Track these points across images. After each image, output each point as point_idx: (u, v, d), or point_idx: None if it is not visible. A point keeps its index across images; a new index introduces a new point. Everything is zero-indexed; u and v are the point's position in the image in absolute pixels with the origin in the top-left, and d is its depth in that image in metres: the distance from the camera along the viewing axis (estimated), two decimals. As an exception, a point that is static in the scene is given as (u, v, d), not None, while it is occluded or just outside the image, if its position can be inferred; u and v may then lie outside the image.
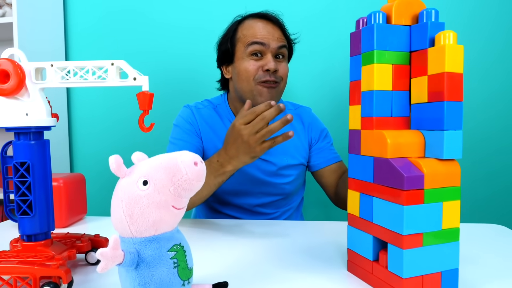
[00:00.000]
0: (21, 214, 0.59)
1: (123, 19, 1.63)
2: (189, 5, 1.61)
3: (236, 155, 0.80)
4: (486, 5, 1.50)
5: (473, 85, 1.53)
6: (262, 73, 0.99)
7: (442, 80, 0.51)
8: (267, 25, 1.02)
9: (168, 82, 1.61)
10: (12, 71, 0.56)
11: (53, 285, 0.52)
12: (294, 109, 1.17)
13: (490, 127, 1.54)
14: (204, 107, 1.12)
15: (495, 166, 1.55)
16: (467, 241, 0.78)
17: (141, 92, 0.58)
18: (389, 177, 0.52)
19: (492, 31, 1.50)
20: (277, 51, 1.01)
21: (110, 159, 0.47)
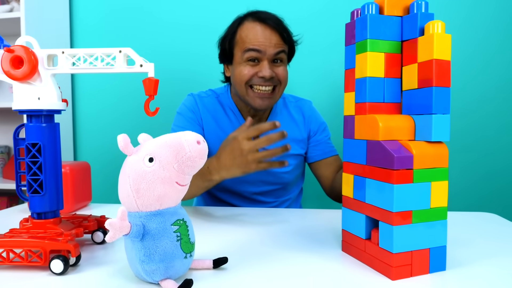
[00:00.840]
0: (32, 192, 0.62)
1: (129, 11, 1.67)
2: None
3: (229, 166, 0.82)
4: (482, 2, 1.53)
5: (470, 82, 1.56)
6: (257, 79, 1.01)
7: (431, 67, 0.54)
8: (266, 30, 1.01)
9: (173, 71, 1.64)
10: (25, 57, 0.59)
11: (62, 258, 0.56)
12: (295, 101, 1.21)
13: (489, 125, 1.57)
14: (208, 96, 1.15)
15: (493, 165, 1.57)
16: (459, 226, 0.81)
17: (147, 78, 0.61)
18: (380, 158, 0.55)
19: (488, 28, 1.53)
20: (274, 57, 1.01)
21: (118, 137, 0.51)
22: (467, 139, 1.57)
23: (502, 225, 0.83)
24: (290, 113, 1.17)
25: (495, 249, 0.67)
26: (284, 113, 1.17)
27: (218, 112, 1.13)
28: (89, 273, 0.57)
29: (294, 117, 1.17)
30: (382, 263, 0.55)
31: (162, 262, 0.50)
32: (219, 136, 1.10)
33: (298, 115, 1.17)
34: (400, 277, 0.54)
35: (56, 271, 0.55)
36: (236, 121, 1.13)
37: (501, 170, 1.57)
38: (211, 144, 1.10)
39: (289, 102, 1.19)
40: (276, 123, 0.79)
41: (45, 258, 0.56)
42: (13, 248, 0.57)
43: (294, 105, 1.19)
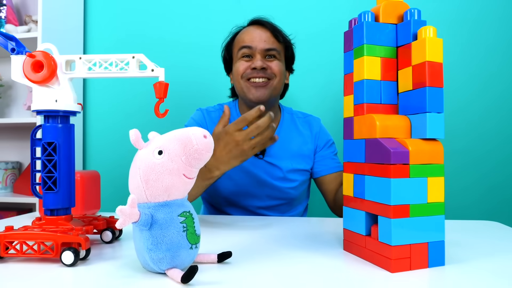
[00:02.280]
0: (46, 189, 0.65)
1: (142, 34, 1.74)
2: (209, 3, 1.71)
3: (227, 159, 0.86)
4: (471, 7, 1.58)
5: (460, 84, 1.59)
6: (250, 71, 1.08)
7: (424, 69, 0.57)
8: (257, 29, 1.11)
9: (183, 81, 1.70)
10: (45, 62, 0.64)
11: (73, 250, 0.58)
12: (303, 117, 1.24)
13: (485, 126, 1.58)
14: (215, 111, 1.20)
15: (488, 166, 1.58)
16: (460, 232, 0.82)
17: (157, 82, 0.65)
18: (378, 155, 0.58)
19: (476, 29, 1.58)
20: (265, 52, 1.09)
21: (130, 132, 0.54)
22: (464, 139, 1.58)
23: (504, 231, 0.84)
24: (298, 128, 1.20)
25: (496, 249, 0.68)
26: (292, 128, 1.20)
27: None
28: (98, 266, 0.59)
29: (301, 132, 1.20)
30: (382, 257, 0.57)
31: (169, 251, 0.52)
32: None
33: (306, 130, 1.20)
34: (399, 270, 0.55)
35: (66, 263, 0.58)
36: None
37: (495, 170, 1.58)
38: None
39: (297, 118, 1.22)
40: (261, 107, 0.83)
41: (56, 250, 0.59)
42: (26, 240, 0.60)
43: (303, 120, 1.22)
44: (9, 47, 0.64)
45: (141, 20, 1.75)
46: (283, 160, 1.15)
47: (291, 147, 1.16)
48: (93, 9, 1.79)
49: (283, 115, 1.21)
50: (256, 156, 1.13)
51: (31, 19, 1.64)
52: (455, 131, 1.58)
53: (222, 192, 1.14)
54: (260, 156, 1.13)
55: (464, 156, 1.59)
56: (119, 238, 0.77)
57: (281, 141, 1.15)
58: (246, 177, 1.12)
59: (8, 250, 0.60)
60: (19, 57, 0.65)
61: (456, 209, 1.57)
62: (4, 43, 0.65)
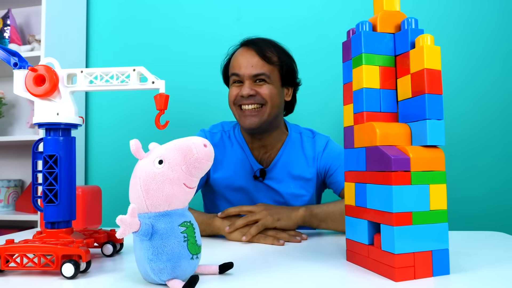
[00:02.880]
0: (47, 202, 0.65)
1: (144, 54, 1.77)
2: (212, 15, 1.74)
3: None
4: (468, 15, 1.60)
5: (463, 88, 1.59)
6: (240, 98, 1.06)
7: (423, 76, 0.58)
8: (246, 54, 1.07)
9: (184, 93, 1.71)
10: (47, 76, 0.64)
11: (73, 262, 0.57)
12: (312, 136, 1.17)
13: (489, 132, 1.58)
14: (218, 132, 1.17)
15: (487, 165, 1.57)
16: (465, 242, 0.81)
17: (158, 94, 0.66)
18: (379, 162, 0.57)
19: (475, 36, 1.59)
20: (253, 77, 1.05)
21: (130, 142, 0.54)
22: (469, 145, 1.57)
23: (509, 240, 0.83)
24: (303, 149, 1.15)
25: (502, 259, 0.67)
26: (297, 149, 1.14)
27: (226, 148, 1.14)
28: (98, 278, 0.58)
29: (306, 153, 1.14)
30: (385, 266, 0.56)
31: (170, 261, 0.52)
32: (223, 173, 1.11)
33: (310, 151, 1.14)
34: (404, 279, 0.54)
35: (67, 275, 0.57)
36: (245, 157, 1.13)
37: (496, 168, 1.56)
38: (215, 180, 1.12)
39: (305, 137, 1.16)
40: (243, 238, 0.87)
41: (57, 263, 0.58)
42: (26, 253, 0.59)
43: (311, 140, 1.16)
44: (11, 61, 0.65)
45: (143, 40, 1.78)
46: (283, 184, 1.11)
47: (293, 170, 1.11)
48: (95, 29, 1.82)
49: (290, 135, 1.15)
50: (257, 179, 1.11)
51: (34, 38, 1.67)
52: (457, 138, 1.57)
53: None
54: (260, 179, 1.11)
55: (467, 163, 1.58)
56: (120, 252, 0.76)
57: (283, 163, 1.11)
58: (246, 200, 1.11)
59: (8, 263, 0.59)
60: (21, 71, 0.66)
61: (460, 219, 1.55)
62: (7, 58, 0.66)
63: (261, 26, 1.70)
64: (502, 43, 1.60)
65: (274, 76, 1.07)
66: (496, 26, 1.60)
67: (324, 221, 0.94)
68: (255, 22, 1.73)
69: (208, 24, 1.75)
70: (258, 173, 1.10)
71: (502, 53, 1.59)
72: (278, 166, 1.11)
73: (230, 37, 1.70)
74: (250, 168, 1.11)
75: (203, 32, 1.75)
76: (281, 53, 1.10)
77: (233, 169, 1.11)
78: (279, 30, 1.68)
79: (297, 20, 1.70)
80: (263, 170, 1.10)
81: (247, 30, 1.70)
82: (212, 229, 0.92)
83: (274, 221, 0.91)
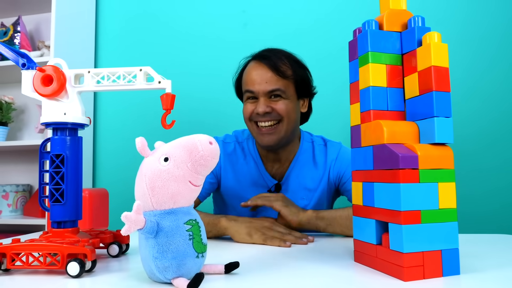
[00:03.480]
0: (53, 201, 0.65)
1: (152, 58, 1.78)
2: (219, 20, 1.74)
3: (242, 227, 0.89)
4: (475, 13, 1.59)
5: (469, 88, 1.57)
6: (255, 115, 1.04)
7: (430, 73, 0.57)
8: (259, 69, 1.04)
9: (191, 97, 1.72)
10: (55, 76, 0.65)
11: (79, 261, 0.57)
12: (323, 144, 1.15)
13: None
14: (231, 142, 1.16)
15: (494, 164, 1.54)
16: (475, 244, 0.79)
17: (164, 93, 0.66)
18: (386, 160, 0.57)
19: (482, 34, 1.58)
20: (268, 93, 1.03)
21: (136, 140, 0.54)
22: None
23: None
24: (315, 158, 1.12)
25: (510, 260, 0.66)
26: (309, 159, 1.12)
27: (238, 160, 1.13)
28: (103, 277, 0.58)
29: (317, 163, 1.12)
30: (394, 266, 0.55)
31: (175, 259, 0.51)
32: (234, 185, 1.10)
33: (321, 160, 1.12)
34: (413, 279, 0.53)
35: (72, 274, 0.57)
36: (258, 171, 1.11)
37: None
38: (226, 189, 1.11)
39: (317, 146, 1.14)
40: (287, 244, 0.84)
41: (62, 262, 0.58)
42: (32, 252, 0.59)
43: (323, 149, 1.14)
44: (20, 62, 0.66)
45: (151, 46, 1.79)
46: (297, 195, 1.09)
47: (306, 182, 1.10)
48: (104, 35, 1.85)
49: (301, 145, 1.13)
50: (270, 192, 1.10)
51: (44, 44, 1.69)
52: (465, 137, 1.56)
53: None
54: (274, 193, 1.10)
55: (474, 163, 1.56)
56: (126, 253, 0.76)
57: (296, 175, 1.10)
58: (256, 213, 1.09)
59: (14, 262, 0.60)
60: (29, 72, 0.66)
61: (467, 218, 1.52)
62: (16, 59, 0.67)
63: (267, 31, 1.71)
64: (510, 43, 1.58)
65: (289, 91, 1.05)
66: (504, 26, 1.59)
67: (331, 225, 0.93)
68: (261, 27, 1.74)
69: (215, 29, 1.76)
70: (274, 189, 1.09)
71: (510, 53, 1.58)
72: (291, 178, 1.10)
73: (237, 42, 1.72)
74: (263, 182, 1.10)
75: (210, 37, 1.76)
76: (294, 65, 1.07)
77: (245, 181, 1.11)
78: (285, 35, 1.68)
79: (303, 24, 1.70)
80: (278, 185, 1.10)
81: (253, 35, 1.71)
82: (218, 230, 0.91)
83: (282, 205, 0.94)
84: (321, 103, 1.65)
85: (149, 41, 1.80)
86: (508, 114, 1.57)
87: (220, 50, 1.74)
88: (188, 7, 1.79)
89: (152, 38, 1.80)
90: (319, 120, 1.65)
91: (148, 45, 1.80)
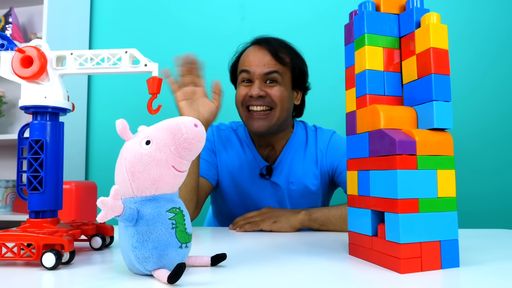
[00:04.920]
0: (31, 190, 0.61)
1: (149, 53, 1.75)
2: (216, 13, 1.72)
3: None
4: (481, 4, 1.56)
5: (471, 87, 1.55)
6: (248, 98, 1.01)
7: (429, 55, 0.54)
8: (258, 51, 1.02)
9: None
10: (35, 57, 0.62)
11: (55, 252, 0.54)
12: (314, 131, 1.12)
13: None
14: (226, 129, 1.14)
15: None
16: (475, 238, 0.76)
17: (151, 77, 0.63)
18: (382, 146, 0.53)
19: (488, 31, 1.55)
20: (264, 77, 1.00)
21: (116, 122, 0.51)
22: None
23: (522, 239, 0.78)
24: (308, 144, 1.09)
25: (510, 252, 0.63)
26: (301, 145, 1.09)
27: (233, 146, 1.11)
28: (82, 269, 0.54)
29: (309, 148, 1.09)
30: (390, 257, 0.52)
31: (155, 249, 0.48)
32: (228, 170, 1.09)
33: (312, 145, 1.09)
34: (410, 271, 0.50)
35: (47, 265, 0.53)
36: (251, 155, 1.10)
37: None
38: (222, 175, 1.10)
39: (310, 132, 1.12)
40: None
41: (37, 253, 0.55)
42: (6, 242, 0.56)
43: (313, 134, 1.11)
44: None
45: (146, 39, 1.76)
46: (288, 179, 1.07)
47: (297, 167, 1.07)
48: (98, 28, 1.82)
49: (295, 131, 1.11)
50: (263, 177, 1.08)
51: (36, 36, 1.66)
52: (465, 138, 1.53)
53: (227, 212, 1.12)
54: (266, 177, 1.07)
55: (474, 163, 1.53)
56: (110, 246, 0.72)
57: (289, 160, 1.07)
58: (251, 199, 1.07)
59: (-13, 253, 0.56)
60: (8, 53, 0.63)
61: (467, 217, 1.49)
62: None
63: (265, 26, 1.68)
64: (511, 44, 1.56)
65: (285, 78, 1.02)
66: (506, 25, 1.56)
67: (325, 225, 0.92)
68: (259, 21, 1.71)
69: (212, 23, 1.74)
70: (265, 171, 1.07)
71: (511, 54, 1.56)
72: (283, 162, 1.08)
73: (234, 36, 1.69)
74: (256, 166, 1.09)
75: (207, 30, 1.74)
76: (294, 55, 1.05)
77: (239, 166, 1.09)
78: (284, 29, 1.65)
79: (302, 19, 1.68)
80: (269, 167, 1.07)
81: (251, 30, 1.68)
82: None
83: (271, 224, 0.90)
84: (317, 98, 1.62)
85: (145, 35, 1.77)
86: (509, 115, 1.55)
87: (217, 43, 1.71)
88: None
89: (148, 32, 1.77)
90: (315, 115, 1.62)
91: (144, 39, 1.77)
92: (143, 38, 1.77)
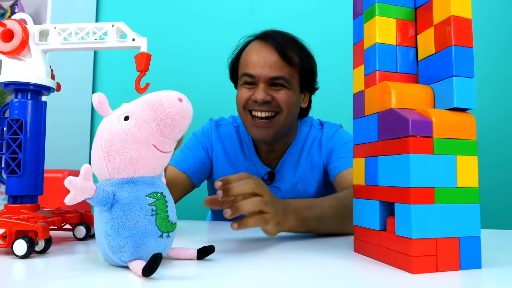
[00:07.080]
0: (9, 173, 0.57)
1: (156, 43, 1.71)
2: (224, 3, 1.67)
3: None
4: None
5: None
6: (251, 102, 0.91)
7: (449, 25, 0.47)
8: (263, 50, 0.92)
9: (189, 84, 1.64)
10: (16, 31, 0.57)
11: (27, 239, 0.49)
12: (321, 126, 1.04)
13: None
14: (227, 125, 1.06)
15: None
16: (497, 238, 0.68)
17: (139, 53, 0.57)
18: (394, 128, 0.47)
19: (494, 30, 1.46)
20: (270, 80, 0.90)
21: (93, 95, 0.46)
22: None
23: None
24: (312, 145, 1.01)
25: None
26: (305, 146, 1.02)
27: (233, 143, 1.03)
28: (56, 259, 0.50)
29: (313, 147, 1.01)
30: (400, 255, 0.45)
31: (132, 237, 0.43)
32: (225, 168, 1.01)
33: (316, 145, 1.01)
34: (423, 271, 0.43)
35: (18, 253, 0.48)
36: (248, 154, 1.03)
37: None
38: (218, 174, 1.02)
39: (314, 130, 1.04)
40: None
41: (9, 240, 0.50)
42: (-24, 228, 0.51)
43: (319, 131, 1.03)
44: (-22, 14, 0.58)
45: (153, 31, 1.73)
46: (291, 182, 1.00)
47: (300, 170, 1.00)
48: (104, 18, 1.79)
49: (299, 133, 1.03)
50: (263, 180, 1.01)
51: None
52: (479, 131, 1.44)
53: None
54: (268, 182, 1.00)
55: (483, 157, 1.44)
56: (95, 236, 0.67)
57: (291, 163, 1.01)
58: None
59: (-44, 239, 0.52)
60: (-12, 26, 0.58)
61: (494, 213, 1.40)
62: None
63: (275, 17, 1.62)
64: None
65: (293, 81, 0.92)
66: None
67: (320, 227, 0.72)
68: (269, 12, 1.65)
69: (220, 13, 1.68)
70: (266, 177, 1.00)
71: None
72: (285, 166, 1.00)
73: (242, 27, 1.63)
74: (256, 170, 1.01)
75: (215, 20, 1.69)
76: (303, 53, 0.94)
77: (238, 168, 1.01)
78: (294, 21, 1.59)
79: (313, 11, 1.61)
80: (271, 173, 1.00)
81: (260, 21, 1.62)
82: None
83: (274, 225, 0.64)
84: (324, 91, 1.55)
85: (151, 26, 1.73)
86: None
87: (224, 34, 1.66)
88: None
89: (154, 23, 1.73)
90: (321, 111, 1.55)
91: (150, 29, 1.73)
92: (149, 30, 1.73)
